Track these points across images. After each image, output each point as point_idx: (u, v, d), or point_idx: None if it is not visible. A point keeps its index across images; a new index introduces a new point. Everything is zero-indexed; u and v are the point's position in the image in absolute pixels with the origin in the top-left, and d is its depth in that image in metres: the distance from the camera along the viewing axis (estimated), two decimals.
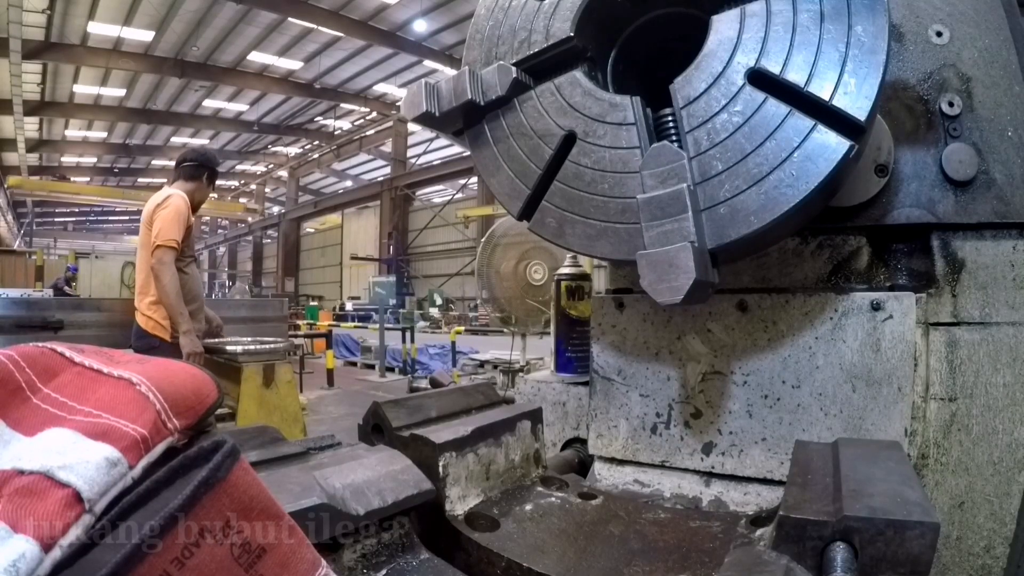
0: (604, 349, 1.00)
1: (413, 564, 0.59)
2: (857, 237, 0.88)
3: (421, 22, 16.81)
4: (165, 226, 3.23)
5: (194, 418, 0.50)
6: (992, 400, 0.77)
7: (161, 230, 3.23)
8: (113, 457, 0.40)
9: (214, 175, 3.66)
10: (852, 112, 0.63)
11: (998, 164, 0.80)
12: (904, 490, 0.53)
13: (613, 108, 0.74)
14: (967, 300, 0.80)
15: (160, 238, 3.23)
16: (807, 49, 0.66)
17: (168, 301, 3.23)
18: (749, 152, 0.66)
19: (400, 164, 23.37)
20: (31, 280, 13.67)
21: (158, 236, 3.24)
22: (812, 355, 0.83)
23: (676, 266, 0.62)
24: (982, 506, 0.77)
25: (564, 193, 0.76)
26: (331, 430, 0.85)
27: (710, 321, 0.90)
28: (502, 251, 5.22)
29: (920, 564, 0.48)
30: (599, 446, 1.00)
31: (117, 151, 25.33)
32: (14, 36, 13.29)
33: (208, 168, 3.62)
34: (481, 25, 0.88)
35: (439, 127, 0.86)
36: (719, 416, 0.89)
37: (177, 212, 3.29)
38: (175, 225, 3.25)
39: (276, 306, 5.93)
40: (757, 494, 0.86)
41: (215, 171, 3.68)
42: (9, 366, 0.44)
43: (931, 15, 0.86)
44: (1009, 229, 0.80)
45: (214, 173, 3.66)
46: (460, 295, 21.57)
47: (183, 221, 3.28)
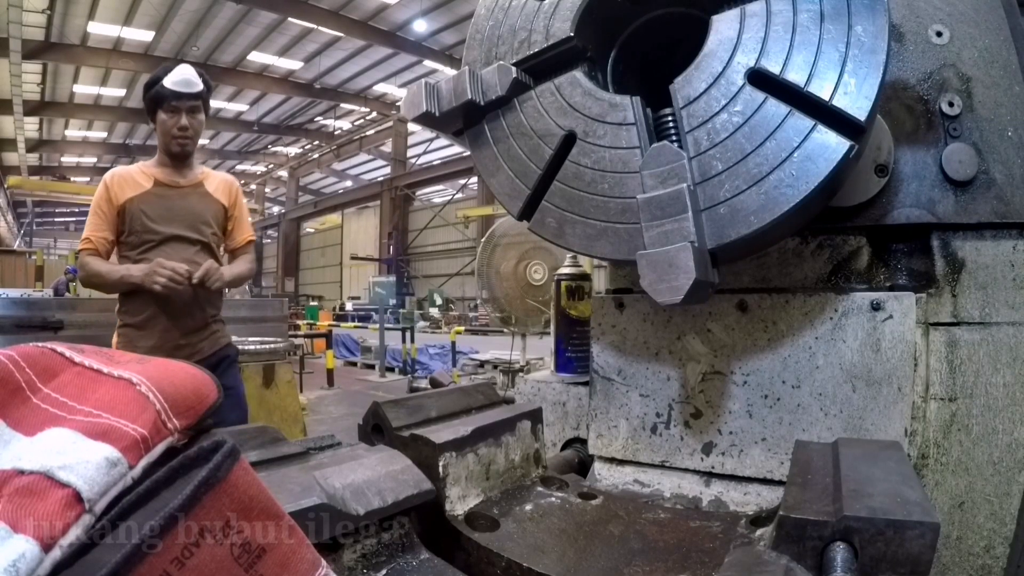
0: (604, 349, 1.00)
1: (413, 564, 0.59)
2: (857, 237, 0.88)
3: (421, 22, 16.81)
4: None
5: (194, 418, 0.50)
6: (992, 400, 0.77)
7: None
8: (113, 457, 0.40)
9: (154, 102, 2.38)
10: (852, 112, 0.63)
11: (998, 164, 0.80)
12: (904, 490, 0.53)
13: (613, 108, 0.74)
14: (967, 300, 0.80)
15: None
16: (807, 49, 0.66)
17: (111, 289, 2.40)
18: (749, 152, 0.66)
19: (400, 164, 23.37)
20: (31, 280, 13.67)
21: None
22: (812, 355, 0.83)
23: (676, 266, 0.62)
24: (982, 506, 0.77)
25: (564, 193, 0.76)
26: (331, 430, 0.85)
27: (710, 321, 0.90)
28: (502, 251, 5.23)
29: (920, 564, 0.48)
30: (599, 446, 1.00)
31: (117, 151, 25.30)
32: (14, 36, 13.28)
33: (147, 100, 2.42)
34: (481, 25, 0.88)
35: (439, 127, 0.86)
36: (719, 416, 0.89)
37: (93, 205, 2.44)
38: (89, 219, 2.41)
39: (276, 306, 5.94)
40: (757, 494, 0.86)
41: (153, 97, 2.38)
42: (9, 366, 0.44)
43: (931, 15, 0.86)
44: (1009, 229, 0.80)
45: (153, 100, 2.38)
46: (460, 295, 21.57)
47: (95, 211, 2.39)
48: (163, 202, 2.41)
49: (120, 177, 2.44)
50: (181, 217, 2.44)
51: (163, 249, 2.37)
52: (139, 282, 2.25)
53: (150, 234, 2.37)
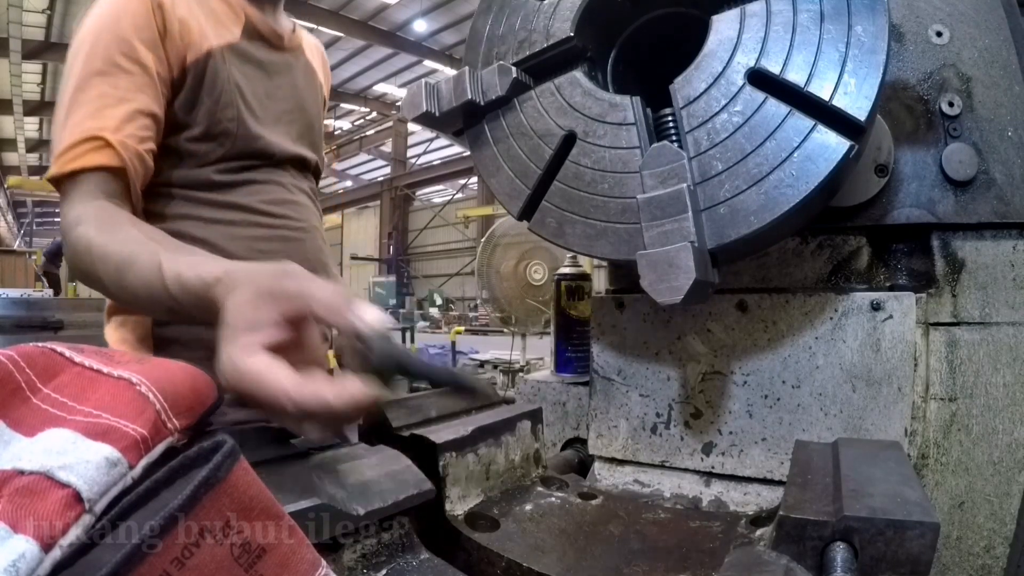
0: (604, 349, 1.00)
1: (413, 564, 0.59)
2: (857, 237, 0.88)
3: (421, 22, 16.80)
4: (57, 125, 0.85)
5: (194, 418, 0.50)
6: (992, 400, 0.77)
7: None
8: (113, 457, 0.40)
9: None
10: (852, 112, 0.63)
11: (998, 164, 0.80)
12: (904, 490, 0.53)
13: (613, 108, 0.74)
14: (967, 300, 0.80)
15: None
16: (807, 49, 0.66)
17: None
18: (749, 152, 0.66)
19: (400, 164, 23.36)
20: (31, 280, 13.66)
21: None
22: (812, 355, 0.83)
23: (676, 266, 0.62)
24: (982, 506, 0.77)
25: (564, 193, 0.76)
26: None
27: (710, 321, 0.90)
28: (502, 251, 5.23)
29: (920, 564, 0.48)
30: (599, 446, 1.00)
31: None
32: (14, 36, 13.27)
33: None
34: (481, 25, 0.88)
35: (439, 127, 0.86)
36: (719, 416, 0.89)
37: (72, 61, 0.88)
38: (91, 80, 0.85)
39: None
40: (757, 494, 0.86)
41: None
42: (9, 366, 0.44)
43: (931, 15, 0.86)
44: (1009, 229, 0.80)
45: None
46: (460, 295, 21.56)
47: (120, 55, 0.86)
48: (264, 77, 1.05)
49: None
50: (290, 114, 1.10)
51: (268, 190, 1.04)
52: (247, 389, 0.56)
53: (251, 142, 1.00)
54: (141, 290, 0.72)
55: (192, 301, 0.64)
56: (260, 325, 0.53)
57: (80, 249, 0.80)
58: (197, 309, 0.63)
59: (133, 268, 0.73)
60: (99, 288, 0.81)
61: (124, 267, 0.74)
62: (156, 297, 0.70)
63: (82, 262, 0.80)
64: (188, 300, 0.65)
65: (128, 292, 0.75)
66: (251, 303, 0.55)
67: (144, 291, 0.71)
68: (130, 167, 0.86)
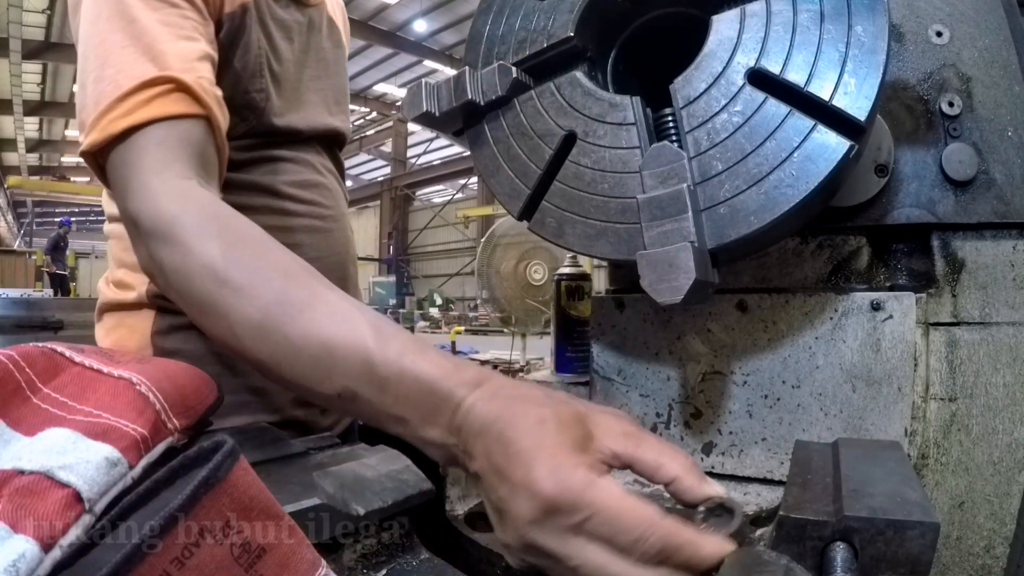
0: (604, 349, 1.00)
1: (413, 564, 0.59)
2: (857, 237, 0.88)
3: (421, 22, 16.81)
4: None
5: (194, 418, 0.50)
6: (992, 400, 0.77)
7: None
8: (113, 457, 0.40)
9: None
10: (852, 112, 0.63)
11: (998, 164, 0.80)
12: (904, 490, 0.53)
13: (613, 108, 0.74)
14: (967, 300, 0.80)
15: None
16: (807, 49, 0.66)
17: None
18: (749, 152, 0.66)
19: (400, 164, 23.37)
20: (31, 280, 13.66)
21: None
22: (812, 355, 0.83)
23: (676, 266, 0.62)
24: (982, 506, 0.77)
25: (564, 193, 0.76)
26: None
27: (710, 321, 0.90)
28: (502, 251, 5.23)
29: (920, 564, 0.48)
30: None
31: None
32: (14, 36, 13.27)
33: None
34: (481, 25, 0.88)
35: (439, 127, 0.86)
36: (719, 416, 0.89)
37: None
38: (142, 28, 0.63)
39: None
40: (757, 494, 0.86)
41: None
42: (9, 366, 0.44)
43: (931, 15, 0.86)
44: (1009, 229, 0.80)
45: None
46: (460, 295, 21.56)
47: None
48: (291, 40, 0.93)
49: None
50: (319, 80, 1.00)
51: (294, 170, 0.93)
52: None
53: (279, 118, 0.89)
54: (315, 375, 0.53)
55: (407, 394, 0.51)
56: (587, 449, 0.45)
57: (203, 276, 0.55)
58: (407, 402, 0.51)
59: (328, 353, 0.52)
60: (222, 335, 0.56)
61: (307, 347, 0.53)
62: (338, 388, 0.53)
63: (199, 297, 0.55)
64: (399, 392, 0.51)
65: (291, 370, 0.54)
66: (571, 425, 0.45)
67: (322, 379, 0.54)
68: (216, 116, 0.65)
